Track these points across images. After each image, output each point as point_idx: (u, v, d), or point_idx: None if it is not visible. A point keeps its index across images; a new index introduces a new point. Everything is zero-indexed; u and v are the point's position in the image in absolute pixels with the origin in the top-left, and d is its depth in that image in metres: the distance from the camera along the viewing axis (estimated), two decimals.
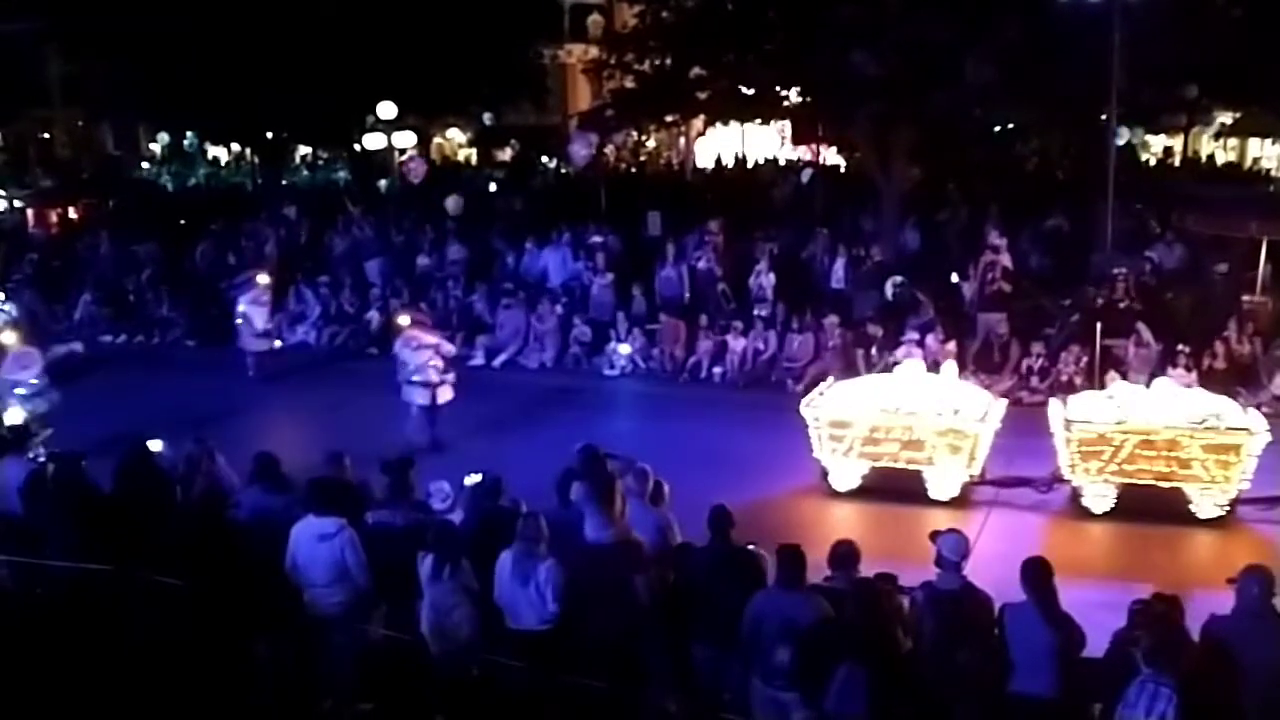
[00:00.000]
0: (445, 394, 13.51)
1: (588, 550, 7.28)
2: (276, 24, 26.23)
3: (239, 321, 17.36)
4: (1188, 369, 14.51)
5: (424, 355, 13.38)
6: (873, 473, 11.94)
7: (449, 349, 14.06)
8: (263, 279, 17.72)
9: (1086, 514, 11.41)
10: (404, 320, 14.05)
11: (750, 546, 7.48)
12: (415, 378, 13.35)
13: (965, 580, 6.79)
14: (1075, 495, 11.58)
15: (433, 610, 7.31)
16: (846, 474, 12.01)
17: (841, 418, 11.96)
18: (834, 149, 31.80)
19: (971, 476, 11.69)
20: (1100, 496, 11.38)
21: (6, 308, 15.27)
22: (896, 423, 11.77)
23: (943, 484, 11.72)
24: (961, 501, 11.70)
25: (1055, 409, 11.93)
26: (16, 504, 9.12)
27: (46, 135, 44.66)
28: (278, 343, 17.92)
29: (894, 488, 11.77)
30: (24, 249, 24.61)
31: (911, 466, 11.76)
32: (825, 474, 12.11)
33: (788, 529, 9.29)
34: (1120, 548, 10.91)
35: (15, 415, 12.44)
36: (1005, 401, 12.49)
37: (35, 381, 13.13)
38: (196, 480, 9.37)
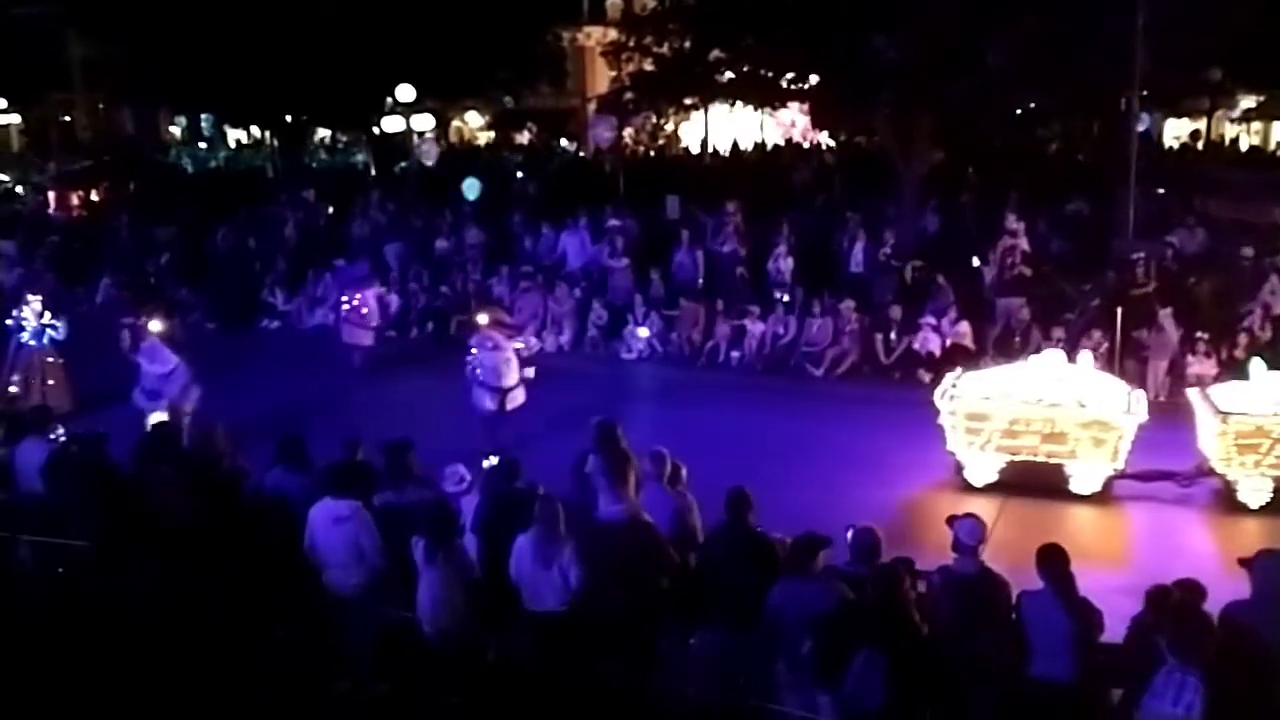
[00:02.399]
0: (517, 398, 12.65)
1: (599, 528, 7.28)
2: (296, 6, 26.25)
3: (346, 309, 16.95)
4: (1208, 355, 14.43)
5: (497, 357, 12.55)
6: (1010, 466, 11.64)
7: (533, 344, 13.52)
8: (369, 272, 17.38)
9: (1239, 508, 11.00)
10: (482, 319, 13.21)
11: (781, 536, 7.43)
12: (485, 380, 12.55)
13: (982, 565, 6.78)
14: (1228, 489, 11.16)
15: (428, 593, 7.35)
16: (983, 468, 11.70)
17: (980, 410, 11.65)
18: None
19: (1116, 470, 11.40)
20: (1256, 490, 10.99)
21: (56, 324, 14.68)
22: (1037, 415, 11.46)
23: (1085, 478, 11.44)
24: (1104, 496, 11.43)
25: (1199, 400, 11.61)
26: (38, 484, 9.20)
27: (67, 118, 44.84)
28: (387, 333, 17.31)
29: (1032, 482, 11.48)
30: (45, 232, 24.78)
31: (1052, 460, 11.48)
32: (960, 468, 11.80)
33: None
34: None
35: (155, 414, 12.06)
36: (1143, 393, 12.09)
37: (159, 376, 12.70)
38: (218, 460, 9.42)
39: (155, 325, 13.37)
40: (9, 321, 14.60)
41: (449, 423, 12.43)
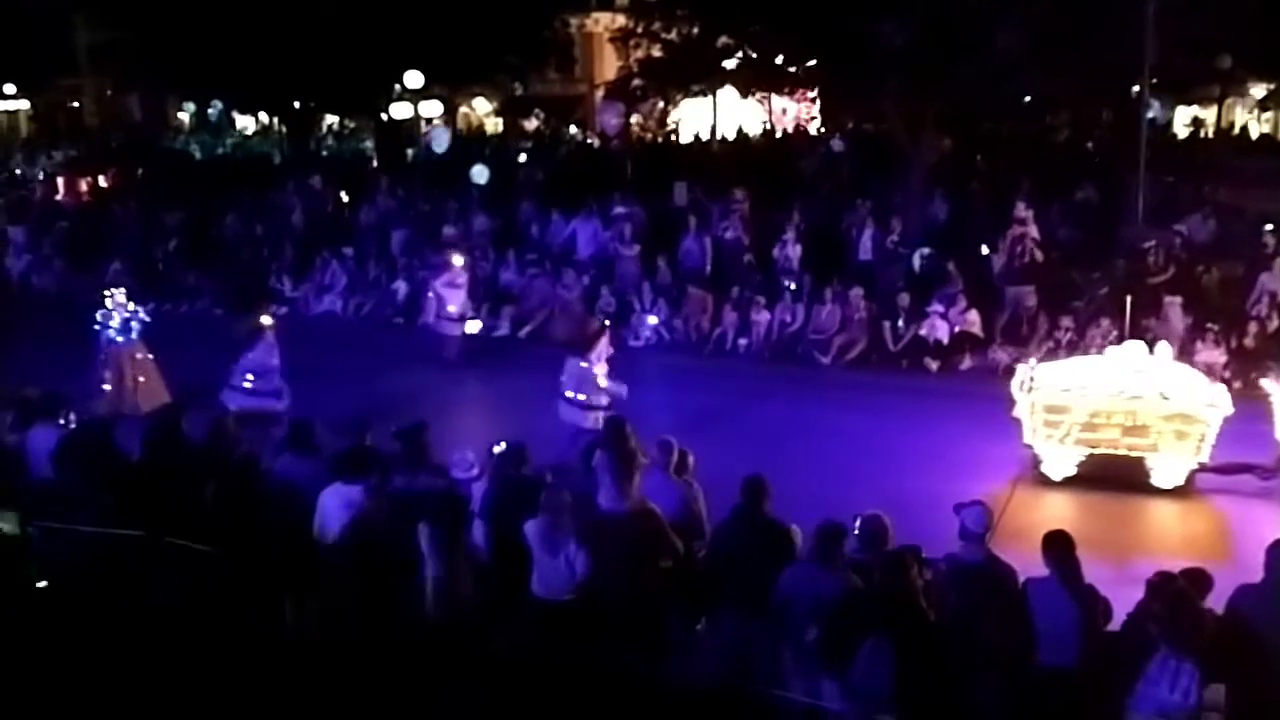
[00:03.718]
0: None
1: (601, 519, 7.31)
2: None
3: (430, 301, 16.71)
4: (1216, 344, 14.40)
5: (601, 370, 11.62)
6: (1089, 460, 11.48)
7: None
8: (458, 259, 16.86)
9: None
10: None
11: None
12: (579, 396, 11.44)
13: (989, 552, 6.79)
14: None
15: (435, 580, 7.38)
16: (1062, 461, 11.55)
17: (1059, 402, 11.47)
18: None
19: (1200, 464, 11.24)
20: None
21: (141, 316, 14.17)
22: (1119, 407, 11.29)
23: (1167, 471, 11.29)
24: (1186, 490, 11.28)
25: (1276, 390, 11.45)
26: (48, 469, 9.24)
27: (75, 104, 44.82)
28: (472, 325, 16.80)
29: (1112, 475, 11.32)
30: (54, 218, 24.83)
31: (1134, 453, 11.32)
32: (1037, 461, 11.66)
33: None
34: None
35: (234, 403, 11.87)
36: (1223, 386, 11.86)
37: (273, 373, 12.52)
38: (229, 446, 9.43)
39: (266, 320, 13.10)
40: (97, 319, 14.03)
41: (462, 409, 12.47)
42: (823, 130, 30.89)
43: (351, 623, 7.14)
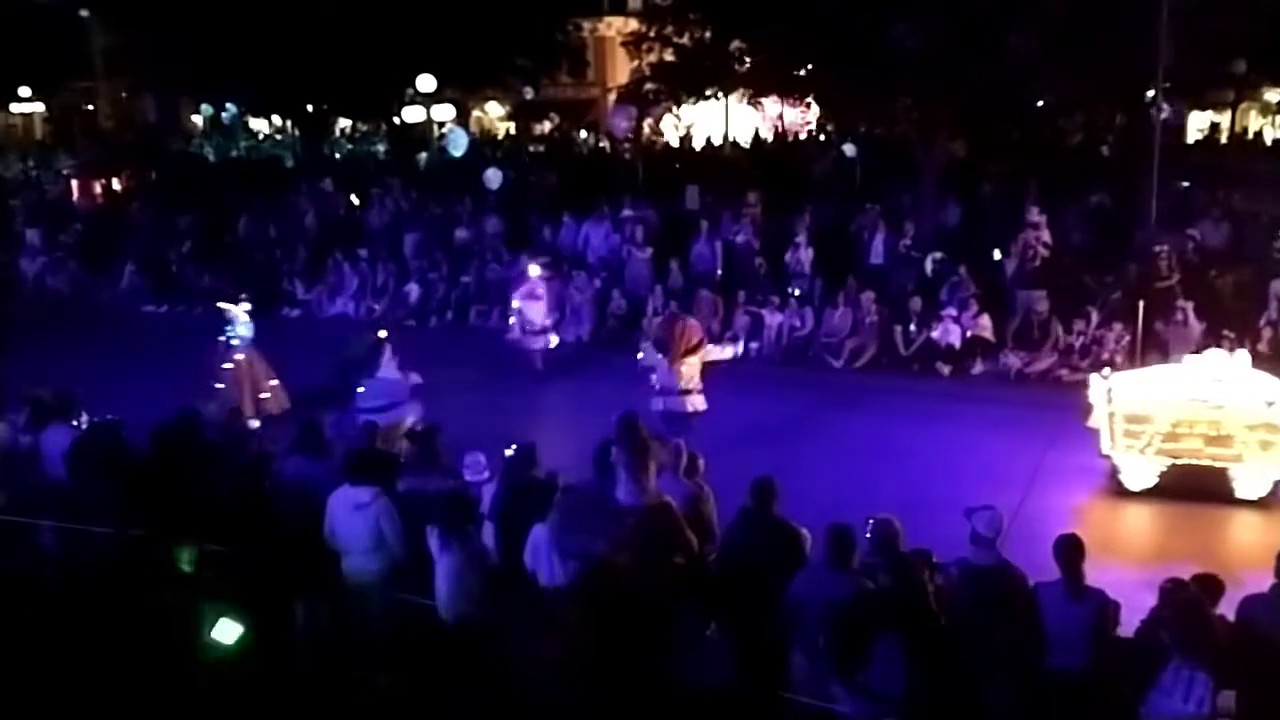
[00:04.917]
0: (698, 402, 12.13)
1: (617, 512, 7.31)
2: None
3: (511, 319, 16.30)
4: (1231, 350, 14.33)
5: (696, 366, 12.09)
6: (1171, 470, 11.14)
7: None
8: (534, 270, 16.32)
9: None
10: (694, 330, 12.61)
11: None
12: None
13: (1000, 557, 6.77)
14: None
15: (445, 580, 7.39)
16: (1142, 472, 11.20)
17: (1140, 412, 11.12)
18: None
19: None
20: None
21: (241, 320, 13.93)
22: (1202, 416, 10.95)
23: (1251, 483, 10.93)
24: (1271, 501, 10.92)
25: None
26: (62, 471, 9.28)
27: (90, 107, 45.03)
28: (554, 339, 16.28)
29: (1194, 486, 10.99)
30: (68, 219, 24.96)
31: (1217, 464, 10.99)
32: (1116, 472, 11.37)
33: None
34: None
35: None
36: None
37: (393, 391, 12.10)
38: (241, 447, 9.47)
39: (382, 332, 12.74)
40: (224, 327, 13.89)
41: (472, 410, 12.48)
42: (832, 133, 30.87)
43: (580, 673, 6.89)
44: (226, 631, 7.04)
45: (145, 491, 8.80)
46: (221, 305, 14.29)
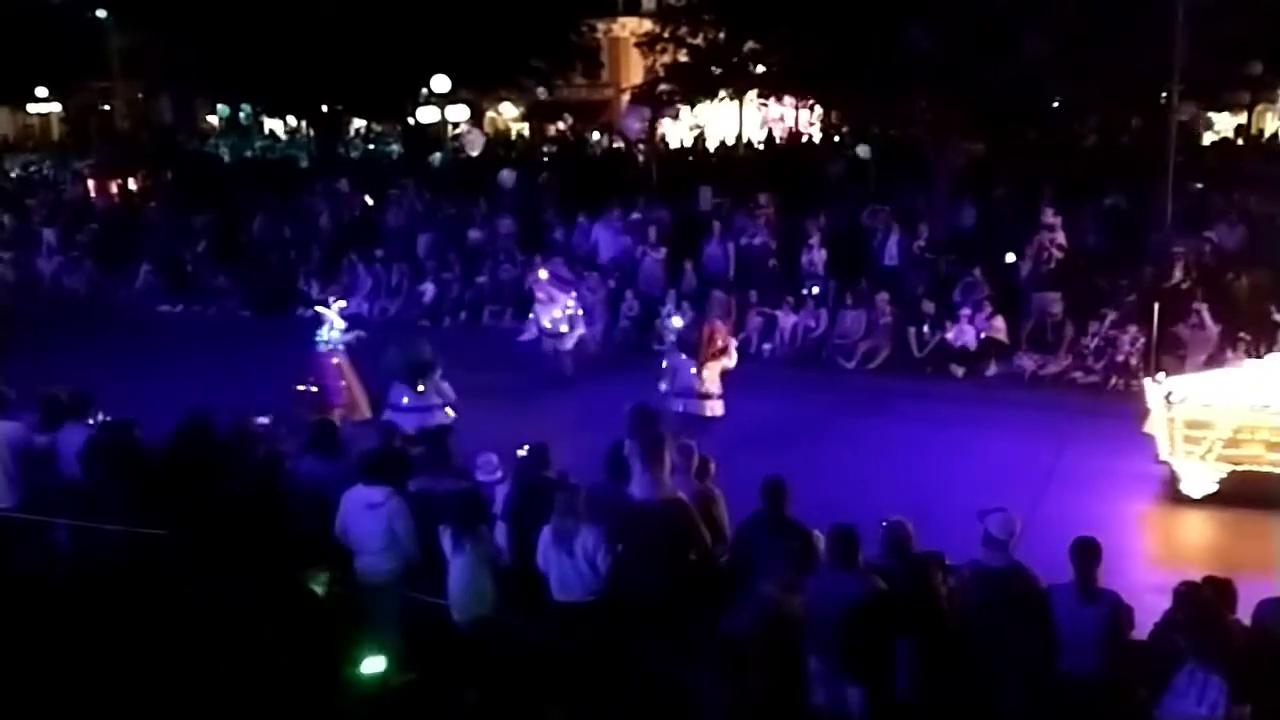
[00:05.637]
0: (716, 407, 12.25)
1: (631, 508, 7.31)
2: None
3: (530, 323, 16.15)
4: (1248, 353, 14.27)
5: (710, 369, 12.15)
6: (1231, 477, 10.93)
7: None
8: (543, 273, 16.03)
9: None
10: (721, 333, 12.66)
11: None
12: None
13: (1012, 559, 6.75)
14: None
15: (456, 580, 7.40)
16: (1202, 478, 10.98)
17: (1201, 418, 10.91)
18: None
19: None
20: None
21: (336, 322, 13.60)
22: (1264, 422, 10.74)
23: None
24: None
25: None
26: (76, 469, 9.33)
27: (106, 107, 45.26)
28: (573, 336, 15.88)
29: (1256, 493, 10.74)
30: (85, 219, 25.09)
31: (1278, 470, 10.75)
32: (1175, 479, 11.18)
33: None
34: None
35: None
36: None
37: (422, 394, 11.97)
38: (252, 447, 9.48)
39: None
40: (318, 330, 13.64)
41: (485, 410, 12.49)
42: (846, 134, 30.82)
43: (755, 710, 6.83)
44: (372, 665, 7.03)
45: (159, 490, 8.84)
46: (317, 308, 14.22)
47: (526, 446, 8.58)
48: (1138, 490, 11.40)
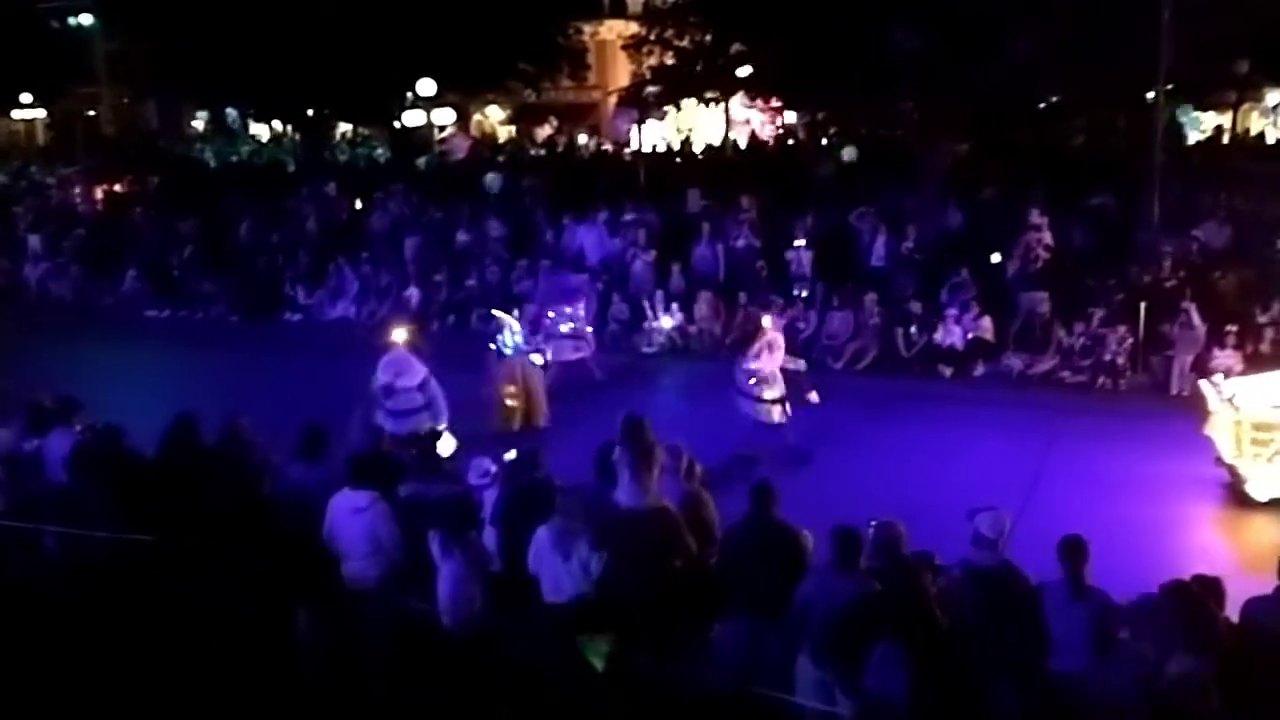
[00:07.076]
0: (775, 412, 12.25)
1: (618, 516, 7.30)
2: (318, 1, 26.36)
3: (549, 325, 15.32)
4: (1235, 349, 14.33)
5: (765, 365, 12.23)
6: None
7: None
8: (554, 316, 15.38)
9: None
10: (766, 322, 12.86)
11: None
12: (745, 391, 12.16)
13: (1002, 559, 6.75)
14: None
15: (447, 585, 7.38)
16: (1270, 481, 10.71)
17: (1269, 419, 10.71)
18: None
19: None
20: None
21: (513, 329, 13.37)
22: None
23: None
24: None
25: None
26: (63, 475, 9.27)
27: (92, 113, 45.10)
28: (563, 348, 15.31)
29: None
30: (71, 225, 25.00)
31: None
32: (1240, 482, 10.94)
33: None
34: None
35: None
36: None
37: (410, 391, 11.74)
38: (239, 452, 9.45)
39: (400, 334, 12.28)
40: (496, 336, 13.57)
41: (475, 414, 12.48)
42: (833, 136, 30.86)
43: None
44: None
45: (146, 496, 8.79)
46: (494, 313, 14.05)
47: (515, 450, 8.56)
48: (1125, 489, 11.41)
